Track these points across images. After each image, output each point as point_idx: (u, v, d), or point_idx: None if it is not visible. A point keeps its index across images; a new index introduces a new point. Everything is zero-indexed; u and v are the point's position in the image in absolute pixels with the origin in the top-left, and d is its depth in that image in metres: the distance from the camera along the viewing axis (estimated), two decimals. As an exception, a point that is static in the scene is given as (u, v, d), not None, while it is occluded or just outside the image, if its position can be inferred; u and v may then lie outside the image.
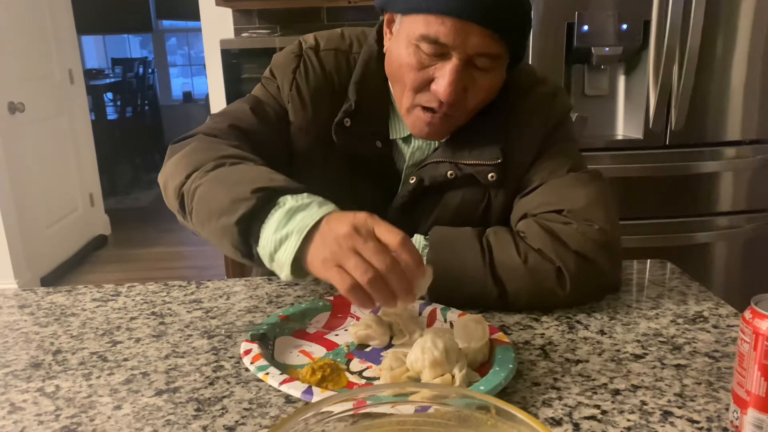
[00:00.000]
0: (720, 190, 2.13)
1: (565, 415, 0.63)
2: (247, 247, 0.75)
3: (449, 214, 0.98)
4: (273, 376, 0.68)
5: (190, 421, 0.64)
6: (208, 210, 0.79)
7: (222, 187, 0.78)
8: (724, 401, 0.65)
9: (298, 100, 0.98)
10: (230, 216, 0.75)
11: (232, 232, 0.75)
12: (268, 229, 0.72)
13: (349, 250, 0.66)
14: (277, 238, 0.71)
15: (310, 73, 0.98)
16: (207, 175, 0.82)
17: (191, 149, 0.90)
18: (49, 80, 3.60)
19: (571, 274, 0.85)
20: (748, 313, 0.57)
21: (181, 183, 0.85)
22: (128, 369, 0.75)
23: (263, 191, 0.74)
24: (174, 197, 0.87)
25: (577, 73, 2.10)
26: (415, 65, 0.86)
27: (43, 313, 0.92)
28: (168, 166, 0.91)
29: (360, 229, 0.67)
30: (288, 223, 0.71)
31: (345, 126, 0.95)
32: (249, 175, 0.79)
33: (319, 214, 0.71)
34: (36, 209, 3.39)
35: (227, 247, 0.78)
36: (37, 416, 0.66)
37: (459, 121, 0.92)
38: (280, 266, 0.72)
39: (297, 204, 0.73)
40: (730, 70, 2.02)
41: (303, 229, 0.70)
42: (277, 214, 0.72)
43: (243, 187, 0.75)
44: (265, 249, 0.73)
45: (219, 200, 0.77)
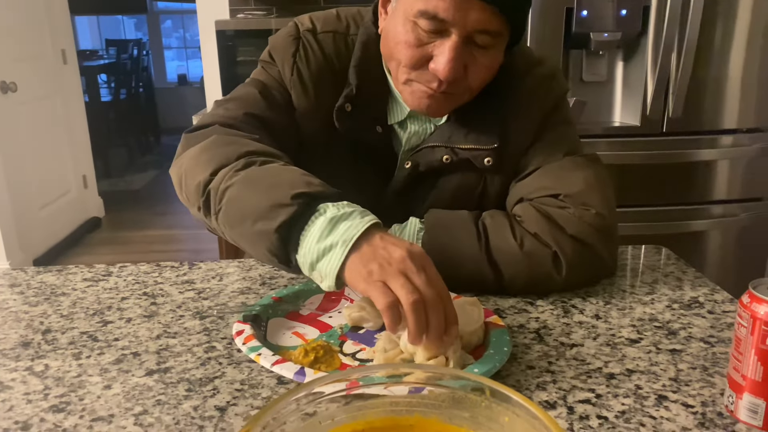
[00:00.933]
0: (716, 179, 2.13)
1: (559, 399, 0.63)
2: (285, 254, 0.73)
3: (445, 198, 0.97)
4: (265, 357, 0.67)
5: (180, 402, 0.63)
6: (241, 213, 0.76)
7: (257, 190, 0.76)
8: (719, 386, 0.65)
9: (300, 85, 0.96)
10: (269, 222, 0.72)
11: (271, 239, 0.72)
12: (310, 238, 0.70)
13: (398, 270, 0.65)
14: (321, 248, 0.69)
15: (311, 57, 0.96)
16: (237, 175, 0.78)
17: (212, 143, 0.86)
18: (42, 60, 3.56)
19: (567, 258, 0.84)
20: (746, 298, 0.56)
21: (207, 180, 0.81)
22: (119, 349, 0.74)
23: (303, 197, 0.72)
24: (197, 194, 0.82)
25: (575, 59, 2.08)
26: (413, 42, 0.84)
27: (33, 292, 0.91)
28: (186, 159, 0.87)
29: (415, 258, 0.66)
30: (332, 232, 0.69)
31: (346, 111, 0.93)
32: (285, 177, 0.76)
33: (363, 225, 0.69)
34: (29, 190, 3.37)
35: (261, 252, 0.75)
36: (25, 395, 0.65)
37: (461, 100, 0.90)
38: (322, 276, 0.70)
39: (339, 213, 0.71)
40: (728, 58, 2.01)
41: (348, 241, 0.68)
42: (319, 222, 0.70)
43: (281, 191, 0.73)
44: (306, 257, 0.71)
45: (255, 204, 0.74)
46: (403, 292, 0.64)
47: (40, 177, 3.48)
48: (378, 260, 0.66)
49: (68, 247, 3.75)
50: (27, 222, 3.33)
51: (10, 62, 3.22)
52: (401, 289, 0.64)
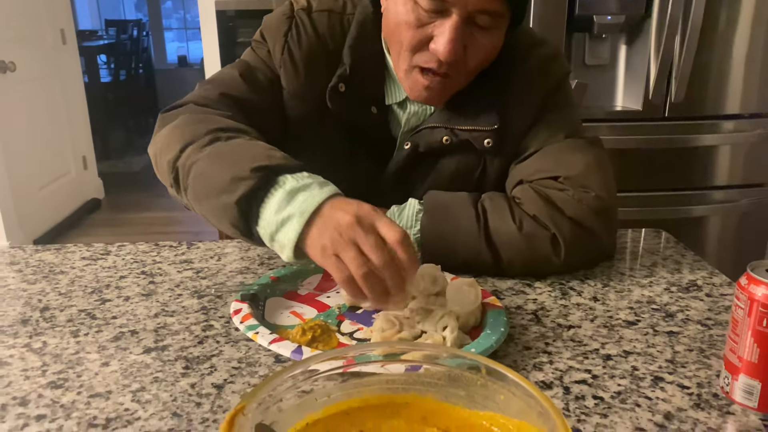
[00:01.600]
0: (717, 164, 2.12)
1: (555, 379, 0.63)
2: (246, 227, 0.74)
3: (444, 180, 0.97)
4: (263, 335, 0.67)
5: (178, 379, 0.63)
6: (206, 188, 0.78)
7: (220, 165, 0.77)
8: (715, 368, 0.65)
9: (291, 65, 0.95)
10: (230, 195, 0.73)
11: (232, 212, 0.73)
12: (268, 210, 0.71)
13: (348, 240, 0.66)
14: (278, 220, 0.70)
15: (303, 36, 0.95)
16: (203, 151, 0.80)
17: (183, 121, 0.87)
18: (41, 40, 3.53)
19: (566, 240, 0.84)
20: (744, 279, 0.56)
21: (175, 157, 0.82)
22: (117, 327, 0.74)
23: (263, 170, 0.73)
24: (168, 171, 0.84)
25: (577, 42, 2.06)
26: (413, 23, 0.83)
27: (32, 270, 0.91)
28: (159, 137, 0.88)
29: (362, 221, 0.66)
30: (289, 204, 0.70)
31: (339, 91, 0.93)
32: (247, 152, 0.77)
33: (321, 197, 0.70)
34: (28, 171, 3.36)
35: (225, 225, 0.76)
36: (23, 371, 0.65)
37: (458, 84, 0.90)
38: (281, 247, 0.72)
39: (298, 185, 0.72)
40: (732, 42, 1.99)
41: (305, 212, 0.69)
42: (278, 194, 0.71)
43: (242, 165, 0.74)
44: (266, 229, 0.72)
45: (217, 178, 0.75)
46: (353, 266, 0.65)
47: (39, 157, 3.47)
48: (329, 232, 0.67)
49: (68, 228, 3.75)
50: (26, 203, 3.33)
51: (9, 42, 3.19)
52: (351, 263, 0.65)
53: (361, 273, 0.65)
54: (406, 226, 0.88)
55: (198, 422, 0.56)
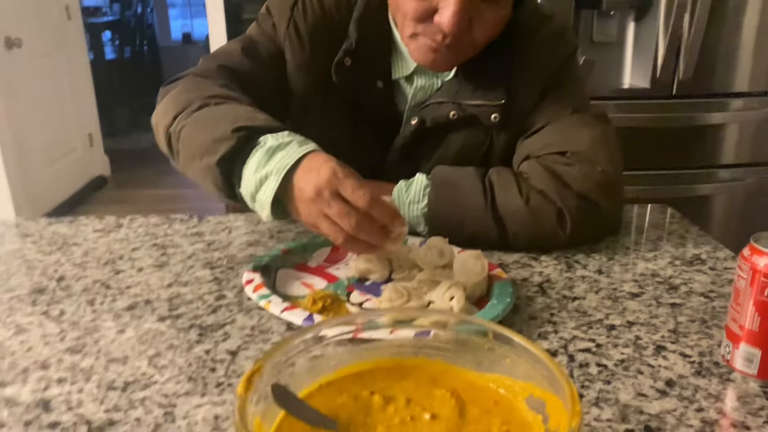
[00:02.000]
0: (724, 142, 2.12)
1: (560, 347, 0.65)
2: (229, 187, 0.76)
3: (451, 155, 0.98)
4: (275, 304, 0.69)
5: (192, 346, 0.65)
6: (191, 150, 0.79)
7: (204, 127, 0.78)
8: (717, 338, 0.66)
9: (296, 38, 0.95)
10: (212, 156, 0.74)
11: (214, 172, 0.75)
12: (248, 169, 0.73)
13: (318, 213, 0.68)
14: (257, 178, 0.72)
15: (309, 10, 0.96)
16: (192, 116, 0.82)
17: (179, 90, 0.89)
18: (46, 15, 3.52)
19: (572, 215, 0.85)
20: (747, 250, 0.57)
21: (169, 124, 0.85)
22: (131, 296, 0.76)
23: (244, 130, 0.74)
24: (163, 139, 0.87)
25: (585, 19, 2.05)
26: None
27: (46, 242, 0.93)
28: (158, 108, 0.90)
29: (322, 192, 0.68)
30: (268, 162, 0.71)
31: (345, 65, 0.93)
32: (231, 114, 0.79)
33: (299, 154, 0.71)
34: (35, 147, 3.38)
35: (210, 187, 0.78)
36: (43, 337, 0.67)
37: (465, 54, 0.90)
38: (261, 206, 0.73)
39: (277, 143, 0.73)
40: (742, 20, 1.97)
41: (282, 170, 0.70)
42: (258, 153, 0.73)
43: (224, 126, 0.75)
44: (247, 189, 0.73)
45: (201, 140, 0.77)
46: (331, 236, 0.69)
47: (46, 134, 3.49)
48: (302, 205, 0.70)
49: (75, 205, 3.77)
50: (34, 179, 3.35)
51: (15, 17, 3.19)
52: (328, 233, 0.69)
53: (341, 241, 0.69)
54: (414, 201, 0.89)
55: (213, 386, 0.58)
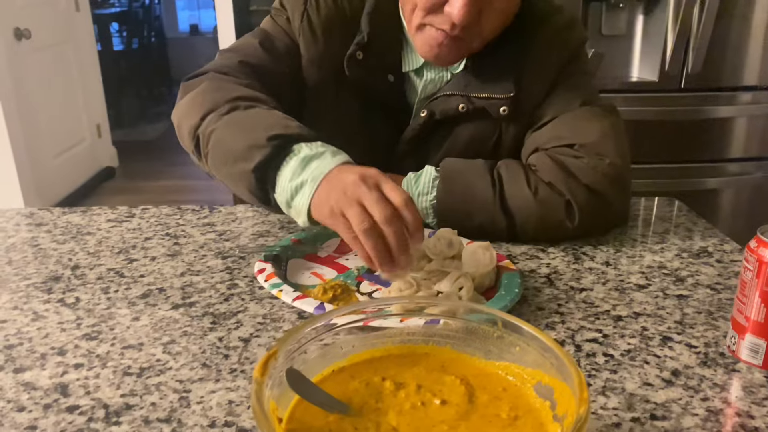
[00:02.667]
0: (733, 136, 2.11)
1: (567, 338, 0.65)
2: (264, 193, 0.78)
3: (460, 147, 0.98)
4: (286, 292, 0.70)
5: (206, 333, 0.66)
6: (224, 155, 0.81)
7: (238, 132, 0.80)
8: (723, 329, 0.67)
9: (310, 32, 0.96)
10: (247, 162, 0.76)
11: (249, 179, 0.77)
12: (284, 177, 0.74)
13: (353, 198, 0.67)
14: (293, 186, 0.73)
15: (322, 4, 0.96)
16: (222, 119, 0.83)
17: (203, 89, 0.89)
18: (55, 6, 3.53)
19: (580, 207, 0.86)
20: (753, 243, 0.58)
21: (196, 125, 0.85)
22: (145, 285, 0.78)
23: (279, 138, 0.76)
24: (189, 139, 0.87)
25: (594, 12, 2.05)
26: None
27: (60, 231, 0.94)
28: (181, 105, 0.91)
29: (367, 180, 0.68)
30: (303, 171, 0.73)
31: (357, 59, 0.94)
32: (264, 120, 0.80)
33: (333, 163, 0.73)
34: (44, 138, 3.40)
35: (244, 192, 0.80)
36: (59, 324, 0.68)
37: (472, 47, 0.91)
38: (297, 213, 0.75)
39: (312, 152, 0.74)
40: (752, 12, 1.96)
41: (317, 178, 0.72)
42: (293, 162, 0.74)
43: (259, 133, 0.77)
44: (282, 196, 0.75)
45: (235, 146, 0.78)
46: (355, 221, 0.65)
47: (54, 125, 3.50)
48: (335, 193, 0.69)
49: (83, 196, 3.80)
50: (43, 170, 3.37)
51: (24, 8, 3.20)
52: (353, 218, 0.66)
53: (363, 228, 0.65)
54: (423, 193, 0.90)
55: (227, 372, 0.60)
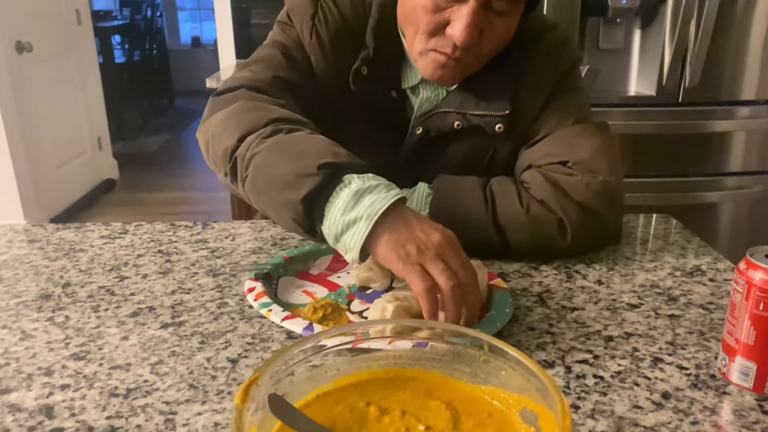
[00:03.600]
0: (731, 150, 2.11)
1: (558, 359, 0.65)
2: (310, 224, 0.73)
3: (455, 163, 0.98)
4: (275, 312, 0.70)
5: (194, 353, 0.66)
6: (267, 181, 0.76)
7: (284, 158, 0.75)
8: (714, 350, 0.67)
9: (319, 48, 0.96)
10: (295, 191, 0.72)
11: (296, 209, 0.72)
12: (335, 210, 0.70)
13: (436, 255, 0.66)
14: (346, 221, 0.69)
15: (330, 19, 0.96)
16: (264, 142, 0.78)
17: (239, 108, 0.86)
18: (57, 20, 3.56)
19: (572, 224, 0.86)
20: (743, 264, 0.58)
21: (233, 147, 0.81)
22: (135, 303, 0.77)
23: (329, 167, 0.72)
24: (224, 160, 0.82)
25: (592, 26, 2.06)
26: (431, 7, 0.84)
27: (53, 248, 0.94)
28: (213, 123, 0.87)
29: (451, 241, 0.68)
30: (357, 205, 0.69)
31: (362, 74, 0.94)
32: (311, 146, 0.76)
33: (388, 200, 0.69)
34: (45, 150, 3.41)
35: (286, 220, 0.75)
36: (47, 343, 0.68)
37: (472, 67, 0.91)
38: (347, 249, 0.71)
39: (365, 186, 0.70)
40: (749, 27, 1.97)
41: (373, 215, 0.68)
42: (344, 194, 0.70)
43: (308, 161, 0.72)
44: (331, 229, 0.71)
45: (281, 172, 0.74)
46: (443, 277, 0.65)
47: (55, 137, 3.52)
48: (416, 242, 0.67)
49: (84, 207, 3.81)
50: (43, 182, 3.38)
51: (26, 22, 3.22)
52: (441, 274, 0.65)
53: (451, 284, 0.64)
54: (416, 209, 0.90)
55: (213, 394, 0.59)
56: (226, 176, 0.83)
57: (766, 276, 0.55)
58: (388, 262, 0.68)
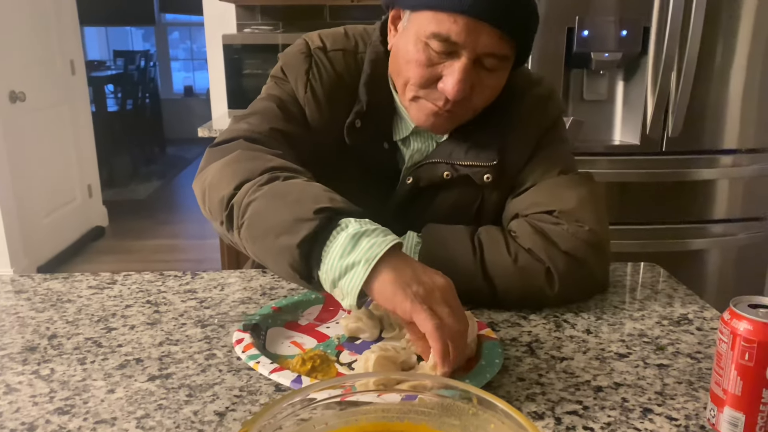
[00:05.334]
0: (716, 198, 2.15)
1: (547, 410, 0.65)
2: (307, 270, 0.72)
3: (444, 212, 1.00)
4: (263, 364, 0.69)
5: (181, 406, 0.65)
6: (264, 228, 0.76)
7: (280, 205, 0.76)
8: (703, 400, 0.67)
9: (314, 102, 0.98)
10: (292, 236, 0.71)
11: (293, 254, 0.71)
12: (333, 254, 0.70)
13: (442, 299, 0.68)
14: (343, 265, 0.69)
15: (323, 74, 0.98)
16: (261, 190, 0.79)
17: (236, 157, 0.86)
18: (51, 70, 3.61)
19: (560, 273, 0.86)
20: (727, 314, 0.58)
21: (230, 195, 0.81)
22: (122, 355, 0.77)
23: (326, 212, 0.72)
24: (220, 208, 0.83)
25: (576, 78, 2.11)
26: (423, 62, 0.87)
27: (40, 298, 0.93)
28: (210, 173, 0.87)
29: (453, 288, 0.70)
30: (354, 249, 0.69)
31: (356, 127, 0.96)
32: (308, 193, 0.77)
33: (386, 244, 0.70)
34: (34, 198, 3.41)
35: (283, 267, 0.74)
36: (32, 398, 0.67)
37: (463, 118, 0.93)
38: (344, 294, 0.70)
39: (362, 229, 0.71)
40: (728, 78, 2.03)
41: (371, 259, 0.68)
42: (341, 238, 0.70)
43: (305, 206, 0.73)
44: (329, 274, 0.70)
45: (278, 218, 0.74)
46: (451, 320, 0.67)
47: (45, 185, 3.52)
48: (423, 284, 0.68)
49: (72, 255, 3.78)
50: (31, 229, 3.36)
51: (20, 72, 3.27)
52: (449, 317, 0.67)
53: (457, 329, 0.67)
54: (405, 258, 0.90)
55: (200, 449, 0.58)
56: (222, 225, 0.84)
57: (751, 326, 0.56)
58: (393, 302, 0.68)
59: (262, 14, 3.10)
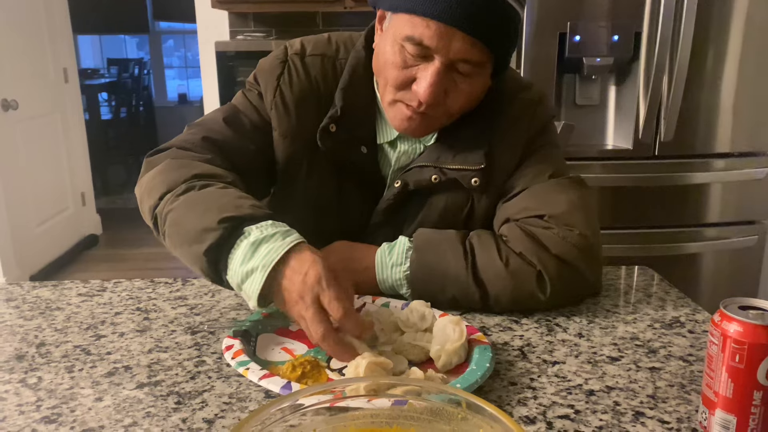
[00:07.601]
0: (708, 202, 2.15)
1: (539, 414, 0.64)
2: (216, 275, 0.79)
3: (433, 217, 0.99)
4: (253, 371, 0.69)
5: (170, 414, 0.65)
6: (179, 236, 0.82)
7: (191, 215, 0.81)
8: (695, 403, 0.66)
9: (282, 106, 0.98)
10: (200, 245, 0.78)
11: (202, 261, 0.78)
12: (235, 261, 0.76)
13: (298, 315, 0.74)
14: (244, 272, 0.75)
15: (294, 79, 0.99)
16: (177, 200, 0.84)
17: (163, 168, 0.90)
18: (44, 78, 3.60)
19: (551, 277, 0.86)
20: (717, 317, 0.58)
21: (155, 205, 0.87)
22: (111, 362, 0.76)
23: (229, 221, 0.77)
24: (149, 217, 0.89)
25: (568, 83, 2.12)
26: (399, 64, 0.88)
27: (29, 306, 0.93)
28: (143, 182, 0.92)
29: (305, 297, 0.72)
30: (253, 256, 0.75)
31: (330, 131, 0.96)
32: (217, 202, 0.81)
33: (283, 249, 0.75)
34: (27, 207, 3.39)
35: (198, 271, 0.81)
36: (18, 407, 0.66)
37: (440, 121, 0.93)
38: (248, 297, 0.77)
39: (261, 236, 0.76)
40: (720, 82, 2.04)
41: (267, 266, 0.74)
42: (242, 245, 0.76)
43: (211, 216, 0.78)
44: (233, 279, 0.77)
45: (188, 228, 0.80)
46: (308, 335, 0.73)
47: (38, 194, 3.50)
48: (287, 300, 0.74)
49: (65, 264, 3.75)
50: (24, 238, 3.35)
51: (12, 80, 3.26)
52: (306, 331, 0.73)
53: (314, 341, 0.72)
54: (396, 263, 0.90)
55: (188, 457, 0.58)
56: (154, 231, 0.89)
57: (741, 328, 0.56)
58: (288, 308, 0.75)
59: (254, 21, 3.11)
